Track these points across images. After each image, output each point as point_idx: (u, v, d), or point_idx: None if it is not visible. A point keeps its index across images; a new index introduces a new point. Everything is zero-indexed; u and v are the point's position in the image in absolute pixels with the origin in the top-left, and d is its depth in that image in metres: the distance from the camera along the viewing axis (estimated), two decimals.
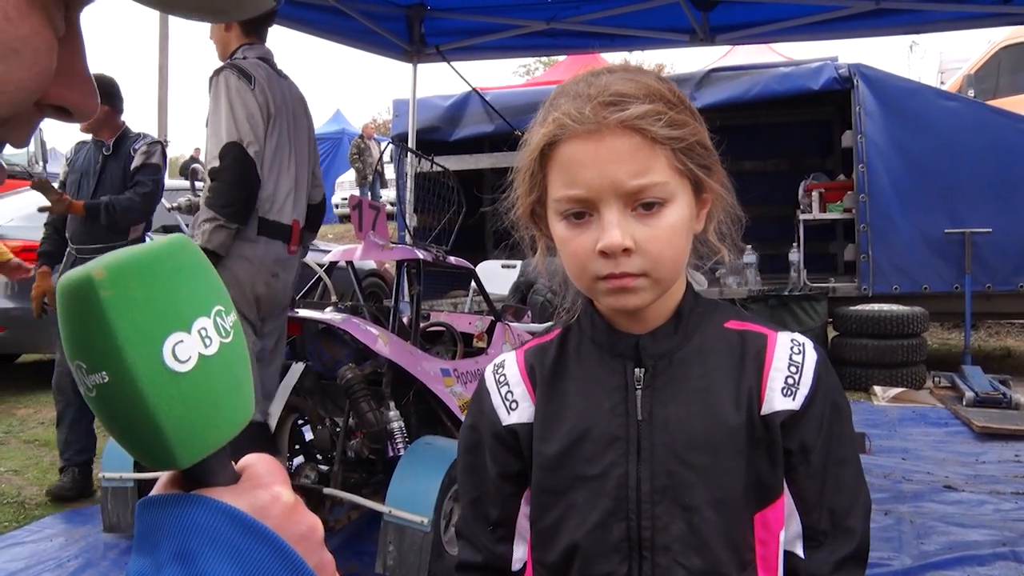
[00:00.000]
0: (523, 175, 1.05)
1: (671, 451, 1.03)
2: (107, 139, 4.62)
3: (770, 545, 1.06)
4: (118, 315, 0.58)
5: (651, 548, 1.03)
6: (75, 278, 0.58)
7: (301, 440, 4.00)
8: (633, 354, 1.07)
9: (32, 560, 3.71)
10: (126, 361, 0.58)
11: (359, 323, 3.61)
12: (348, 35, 6.18)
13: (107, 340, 0.58)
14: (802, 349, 1.08)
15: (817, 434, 1.06)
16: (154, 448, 0.60)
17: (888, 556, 3.52)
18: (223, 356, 0.63)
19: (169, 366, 0.59)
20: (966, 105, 7.74)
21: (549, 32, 6.31)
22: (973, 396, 6.14)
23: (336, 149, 20.52)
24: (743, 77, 8.02)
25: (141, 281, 0.59)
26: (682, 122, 1.00)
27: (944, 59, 14.85)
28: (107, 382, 0.59)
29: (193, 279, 0.62)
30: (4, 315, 6.62)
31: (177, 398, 0.60)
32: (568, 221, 1.01)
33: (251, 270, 3.16)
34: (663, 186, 0.98)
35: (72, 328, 0.59)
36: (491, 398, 1.15)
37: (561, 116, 0.98)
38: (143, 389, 0.58)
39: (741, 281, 7.99)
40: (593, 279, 1.00)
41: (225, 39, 3.34)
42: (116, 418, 0.60)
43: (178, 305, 0.61)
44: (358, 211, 3.89)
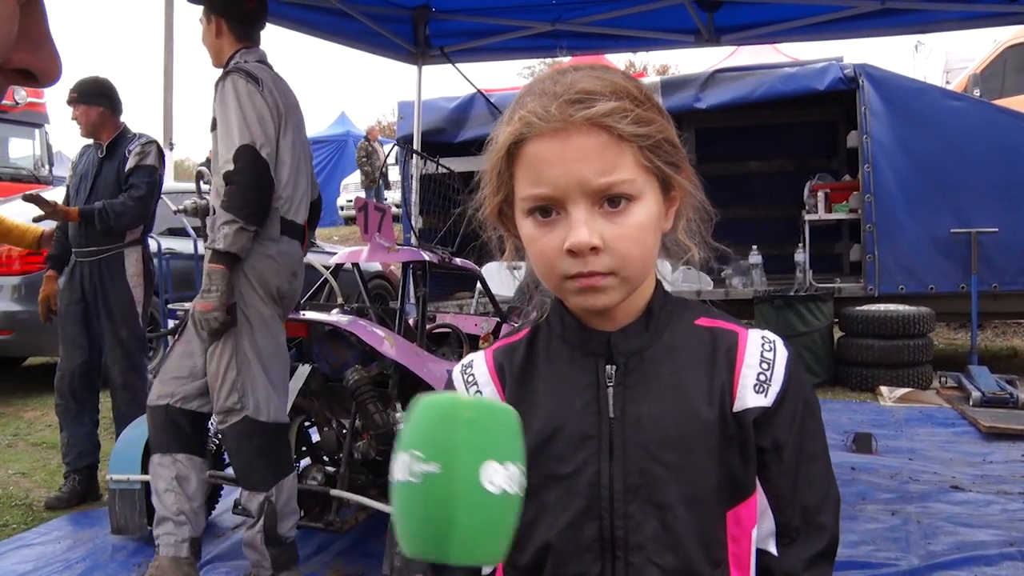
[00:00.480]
0: (490, 174, 1.05)
1: (644, 449, 1.03)
2: (105, 141, 4.64)
3: (742, 542, 1.06)
4: (468, 430, 0.80)
5: (624, 547, 1.02)
6: (447, 396, 0.84)
7: (308, 442, 4.01)
8: (604, 351, 1.07)
9: (40, 562, 3.72)
10: (458, 461, 0.78)
11: (365, 325, 3.62)
12: (353, 37, 6.20)
13: (451, 442, 0.79)
14: (773, 346, 1.09)
15: (789, 431, 1.06)
16: (437, 536, 0.78)
17: (895, 556, 3.52)
18: (513, 500, 0.81)
19: (482, 481, 0.79)
20: (972, 105, 7.72)
21: (553, 33, 6.32)
22: (980, 396, 6.12)
23: (341, 151, 20.52)
24: (748, 77, 8.02)
25: (490, 418, 0.82)
26: (649, 119, 0.99)
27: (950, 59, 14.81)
28: (436, 473, 0.78)
29: (516, 437, 0.83)
30: (11, 318, 6.65)
31: (476, 507, 0.79)
32: (535, 220, 1.00)
33: (276, 268, 3.19)
34: (630, 183, 0.98)
35: (427, 428, 0.81)
36: None
37: (527, 114, 0.97)
38: (460, 486, 0.78)
39: (747, 281, 7.99)
40: (561, 278, 1.00)
41: (217, 45, 3.33)
42: (423, 502, 0.79)
43: (503, 446, 0.81)
44: (364, 213, 3.90)
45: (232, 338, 3.12)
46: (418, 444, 0.80)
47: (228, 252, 3.03)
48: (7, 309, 6.68)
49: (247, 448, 3.16)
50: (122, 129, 4.69)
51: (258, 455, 3.18)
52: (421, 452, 0.79)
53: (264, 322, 3.18)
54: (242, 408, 3.13)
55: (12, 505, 4.47)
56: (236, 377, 3.12)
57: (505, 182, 1.03)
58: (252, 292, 3.14)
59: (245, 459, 3.18)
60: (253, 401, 3.14)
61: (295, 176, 3.27)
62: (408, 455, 0.80)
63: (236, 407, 3.13)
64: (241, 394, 3.13)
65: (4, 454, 5.53)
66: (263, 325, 3.18)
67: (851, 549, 3.61)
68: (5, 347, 6.96)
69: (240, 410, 3.13)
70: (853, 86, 7.46)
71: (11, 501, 4.52)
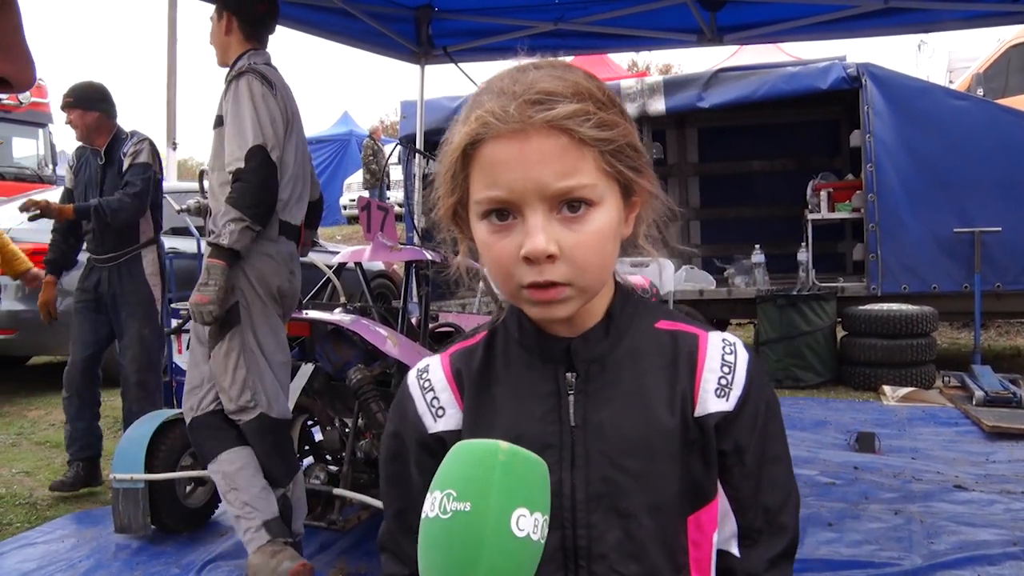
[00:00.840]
0: (444, 175, 1.00)
1: (606, 457, 1.00)
2: (101, 146, 4.72)
3: (703, 547, 1.05)
4: (501, 474, 0.82)
5: (587, 557, 1.00)
6: (486, 442, 0.85)
7: (311, 441, 4.01)
8: (564, 358, 1.03)
9: (44, 561, 3.73)
10: (489, 503, 0.81)
11: (368, 324, 3.62)
12: (356, 37, 6.20)
13: (485, 484, 0.81)
14: (734, 349, 1.06)
15: (751, 434, 1.04)
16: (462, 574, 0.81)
17: (898, 556, 3.52)
18: (537, 548, 0.83)
19: (511, 525, 0.81)
20: (975, 104, 7.72)
21: (556, 33, 6.31)
22: (983, 395, 6.12)
23: (344, 151, 20.51)
24: (751, 77, 8.01)
25: (523, 466, 0.84)
26: (612, 123, 0.95)
27: (953, 58, 14.79)
28: (467, 511, 0.81)
29: (546, 488, 0.86)
30: (14, 318, 6.66)
31: (502, 550, 0.81)
32: (490, 224, 0.96)
33: (274, 267, 3.22)
34: (590, 188, 0.94)
35: (464, 469, 0.84)
36: (415, 405, 1.10)
37: (484, 114, 0.93)
38: (489, 528, 0.80)
39: (749, 281, 7.98)
40: (517, 287, 0.96)
41: (225, 43, 3.35)
42: (451, 539, 0.81)
43: (534, 494, 0.84)
44: (367, 212, 3.90)
45: (238, 336, 3.15)
46: (452, 484, 0.83)
47: (231, 249, 3.04)
48: (10, 309, 6.69)
49: (263, 445, 3.20)
50: (116, 131, 4.76)
51: (273, 451, 3.21)
52: (455, 491, 0.82)
53: (266, 320, 3.21)
54: (256, 405, 3.16)
55: (16, 504, 4.48)
56: (246, 375, 3.14)
57: (460, 184, 0.99)
58: (253, 291, 3.16)
59: (261, 456, 3.21)
60: (265, 397, 3.18)
61: (294, 179, 3.30)
62: (441, 493, 0.83)
63: (250, 405, 3.16)
64: (254, 391, 3.16)
65: (8, 453, 5.54)
66: (265, 323, 3.20)
67: (854, 548, 3.61)
68: (9, 347, 6.98)
69: (254, 407, 3.16)
70: (856, 85, 7.45)
71: (15, 500, 4.53)
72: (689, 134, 9.93)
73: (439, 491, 0.83)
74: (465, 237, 1.05)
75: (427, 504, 0.84)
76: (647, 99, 8.10)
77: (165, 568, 3.63)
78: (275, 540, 3.10)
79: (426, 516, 0.84)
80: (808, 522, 3.90)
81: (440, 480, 0.85)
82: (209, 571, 3.58)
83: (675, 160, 9.85)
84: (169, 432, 3.86)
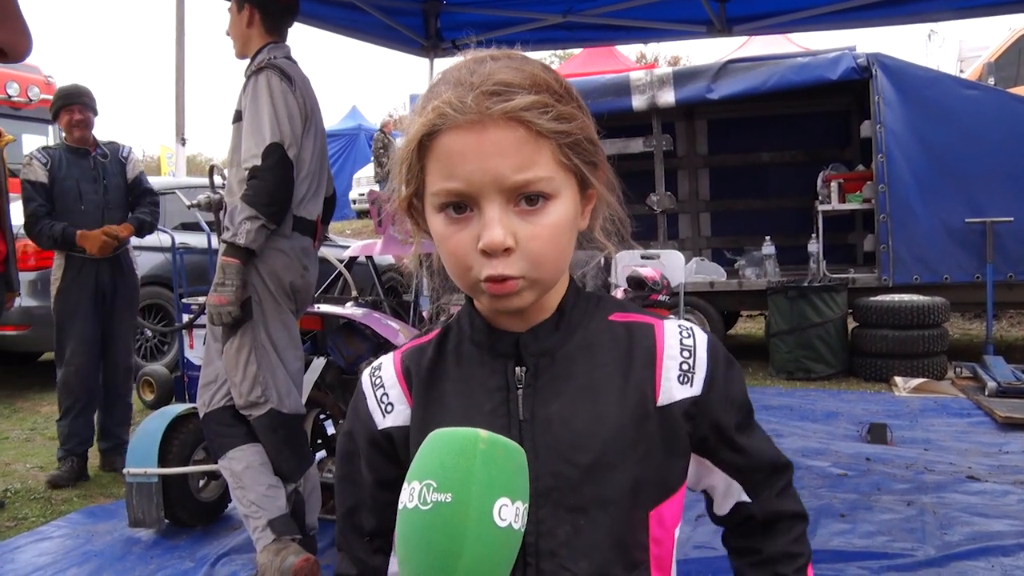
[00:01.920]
0: (400, 166, 0.99)
1: (555, 451, 0.99)
2: (91, 145, 4.92)
3: (665, 544, 1.04)
4: (482, 463, 0.81)
5: (535, 554, 0.98)
6: (465, 431, 0.84)
7: (323, 435, 4.03)
8: (513, 352, 1.03)
9: (59, 555, 3.75)
10: (471, 493, 0.80)
11: (380, 317, 3.63)
12: (364, 30, 6.20)
13: (466, 474, 0.80)
14: (691, 333, 1.06)
15: (727, 411, 1.06)
16: (443, 565, 0.79)
17: (912, 547, 3.51)
18: (517, 537, 0.83)
19: (493, 515, 0.80)
20: (987, 93, 7.67)
21: (565, 25, 6.30)
22: (995, 386, 6.09)
23: (352, 145, 20.53)
24: (760, 68, 7.97)
25: (503, 454, 0.83)
26: (569, 115, 0.95)
27: (964, 47, 14.70)
28: (448, 502, 0.79)
29: (525, 476, 0.85)
30: (27, 314, 6.69)
31: (484, 540, 0.80)
32: (447, 216, 0.95)
33: (287, 262, 3.21)
34: (548, 181, 0.93)
35: (443, 459, 0.82)
36: (367, 402, 1.10)
37: (441, 104, 0.92)
38: (470, 517, 0.79)
39: (760, 272, 7.97)
40: (474, 280, 0.95)
41: (246, 35, 3.32)
42: (432, 530, 0.80)
43: (515, 483, 0.83)
44: (377, 206, 3.90)
45: (249, 332, 3.15)
46: (432, 474, 0.81)
47: (246, 248, 3.04)
48: (23, 305, 6.72)
49: (273, 440, 3.20)
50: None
51: (284, 446, 3.22)
52: (435, 482, 0.81)
53: (279, 316, 3.20)
54: (266, 401, 3.16)
55: (31, 499, 4.50)
56: (257, 371, 3.15)
57: (416, 175, 0.98)
58: (265, 288, 3.16)
59: (272, 451, 3.21)
60: (276, 393, 3.18)
61: (311, 175, 3.29)
62: (420, 484, 0.81)
63: (260, 400, 3.16)
64: (264, 387, 3.16)
65: (22, 448, 5.58)
66: (278, 319, 3.20)
67: (867, 540, 3.60)
68: (22, 343, 7.02)
69: (264, 403, 3.16)
70: (866, 75, 7.41)
71: (29, 495, 4.56)
72: (699, 126, 9.90)
73: (418, 481, 0.82)
74: (420, 230, 1.04)
75: (404, 495, 0.83)
76: (656, 91, 8.08)
77: (179, 562, 3.64)
78: (280, 538, 3.10)
79: (404, 507, 0.83)
80: (821, 513, 3.89)
81: (418, 470, 0.83)
82: (223, 565, 3.59)
83: (685, 152, 9.82)
84: (182, 427, 3.87)
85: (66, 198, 4.78)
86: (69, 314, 4.74)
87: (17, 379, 7.67)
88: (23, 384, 7.49)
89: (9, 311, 6.65)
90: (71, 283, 4.75)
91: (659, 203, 8.18)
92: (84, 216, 4.77)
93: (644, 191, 8.15)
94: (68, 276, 4.75)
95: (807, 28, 6.56)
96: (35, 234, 4.72)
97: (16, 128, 13.03)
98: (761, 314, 9.53)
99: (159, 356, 7.52)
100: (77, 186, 4.81)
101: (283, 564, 3.01)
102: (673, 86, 8.07)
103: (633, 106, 8.12)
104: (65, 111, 4.83)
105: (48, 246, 4.80)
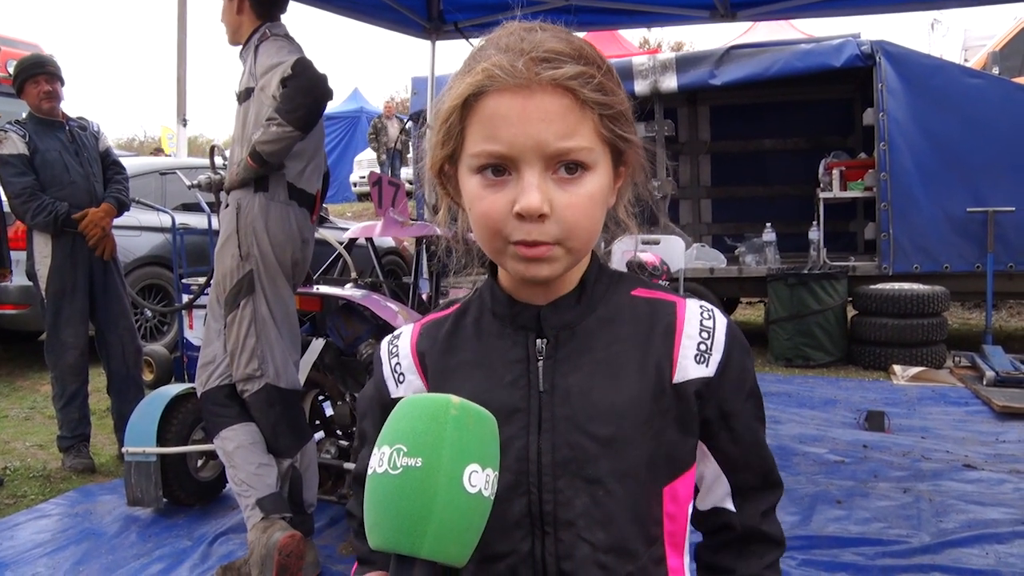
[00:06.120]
0: (439, 126, 0.99)
1: (573, 423, 1.00)
2: (62, 118, 4.76)
3: (678, 520, 1.05)
4: (453, 429, 0.81)
5: (553, 523, 0.99)
6: (436, 396, 0.85)
7: (321, 416, 4.03)
8: (535, 325, 1.04)
9: (58, 532, 3.77)
10: (442, 458, 0.80)
11: (379, 299, 3.63)
12: (366, 12, 6.17)
13: (437, 439, 0.81)
14: (712, 315, 1.06)
15: (736, 398, 1.06)
16: (412, 529, 0.79)
17: (907, 534, 3.52)
18: (487, 503, 0.83)
19: (463, 481, 0.80)
20: (991, 82, 7.64)
21: (568, 8, 6.26)
22: (994, 376, 6.10)
23: (354, 127, 20.47)
24: (764, 54, 7.94)
25: (475, 421, 0.84)
26: (611, 89, 0.96)
27: (968, 36, 14.65)
28: (418, 466, 0.80)
29: (496, 445, 0.86)
30: (27, 293, 6.68)
31: (454, 505, 0.80)
32: (484, 178, 0.95)
33: (289, 234, 3.22)
34: (588, 151, 0.94)
35: (414, 424, 0.82)
36: (383, 369, 1.12)
37: (491, 67, 0.92)
38: (439, 482, 0.79)
39: (760, 259, 7.96)
40: (504, 242, 0.96)
41: (237, 22, 3.31)
42: (401, 495, 0.80)
43: (486, 450, 0.84)
44: (378, 188, 3.90)
45: (250, 306, 3.16)
46: (403, 439, 0.81)
47: (261, 154, 3.06)
48: (23, 284, 6.70)
49: (270, 416, 3.21)
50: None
51: (280, 422, 3.22)
52: (405, 446, 0.81)
53: (276, 289, 3.22)
54: (262, 375, 3.17)
55: (30, 477, 4.52)
56: (255, 344, 3.16)
57: (455, 136, 0.98)
58: (265, 261, 3.16)
59: (267, 427, 3.22)
60: (273, 368, 3.19)
61: (314, 149, 3.29)
62: (390, 448, 0.81)
63: (256, 374, 3.17)
64: (261, 361, 3.16)
65: (22, 427, 5.59)
66: (276, 292, 3.22)
67: (863, 526, 3.62)
68: (21, 321, 7.02)
69: (260, 377, 3.17)
70: (870, 63, 7.39)
71: (29, 473, 4.58)
72: (701, 112, 9.88)
73: (388, 446, 0.82)
74: (447, 195, 1.05)
75: (374, 459, 0.83)
76: (659, 76, 8.05)
77: (177, 540, 3.66)
78: (268, 517, 3.11)
79: (373, 472, 0.83)
80: (817, 500, 3.91)
81: (389, 434, 0.83)
82: (221, 543, 3.61)
83: (687, 138, 9.80)
84: (180, 406, 3.88)
85: (52, 168, 4.57)
86: (68, 294, 4.55)
87: (17, 358, 7.68)
88: (23, 363, 7.51)
89: (9, 290, 6.69)
90: (65, 261, 4.54)
91: (660, 189, 8.16)
92: (74, 188, 4.60)
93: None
94: (60, 254, 4.54)
95: (811, 15, 6.52)
96: (33, 209, 4.44)
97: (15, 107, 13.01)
98: (761, 301, 9.53)
99: (159, 336, 7.53)
100: (61, 157, 4.60)
101: (269, 541, 3.02)
102: (676, 71, 8.04)
103: (635, 91, 8.09)
104: (31, 83, 4.60)
105: (43, 225, 4.49)
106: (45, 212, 4.47)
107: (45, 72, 4.62)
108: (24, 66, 4.67)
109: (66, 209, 4.51)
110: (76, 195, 4.59)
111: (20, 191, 4.47)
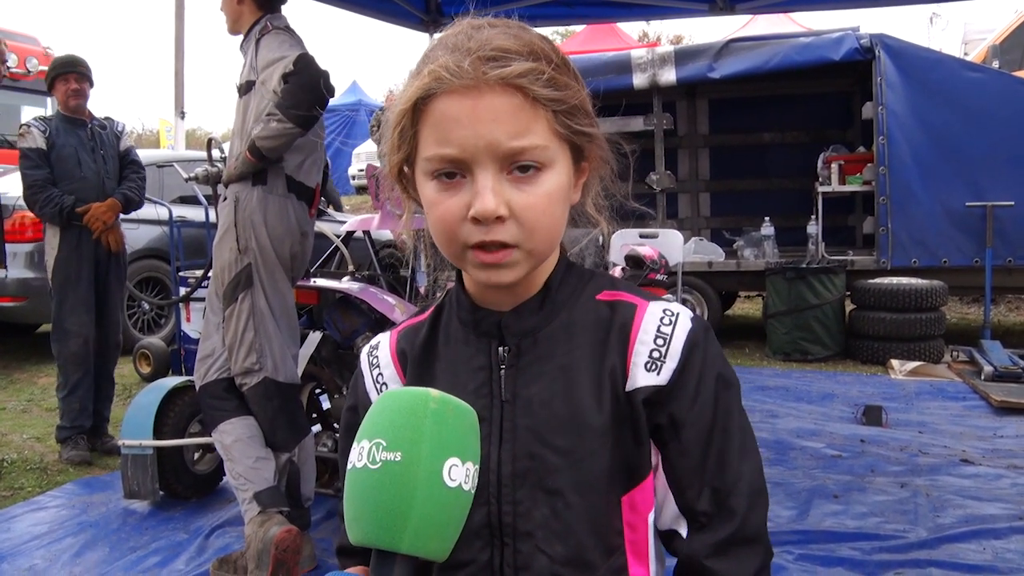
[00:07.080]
0: (393, 130, 0.97)
1: (533, 433, 0.98)
2: (87, 116, 4.89)
3: (639, 529, 1.01)
4: (432, 422, 0.81)
5: (512, 534, 0.98)
6: (415, 390, 0.85)
7: (318, 409, 4.03)
8: (497, 332, 1.01)
9: (55, 524, 3.77)
10: (421, 452, 0.80)
11: (376, 292, 3.63)
12: (364, 5, 6.16)
13: (416, 433, 0.80)
14: (673, 320, 1.00)
15: (690, 408, 0.98)
16: (392, 524, 0.79)
17: (904, 528, 3.52)
18: (467, 498, 0.84)
19: (442, 475, 0.80)
20: (991, 76, 7.63)
21: (566, 2, 6.26)
22: (992, 370, 6.10)
23: (353, 120, 20.43)
24: (763, 47, 7.92)
25: (454, 414, 0.84)
26: (564, 83, 0.93)
27: (968, 29, 14.64)
28: (397, 461, 0.79)
29: (476, 438, 0.86)
30: (24, 285, 6.69)
31: (434, 499, 0.80)
32: (439, 182, 0.93)
33: (287, 227, 3.21)
34: (542, 150, 0.92)
35: (393, 418, 0.82)
36: (364, 380, 1.10)
37: (438, 69, 0.90)
38: (419, 476, 0.79)
39: (759, 253, 7.95)
40: (462, 247, 0.93)
41: (237, 12, 3.30)
42: (380, 489, 0.79)
43: (465, 444, 0.84)
44: (375, 180, 3.89)
45: (248, 299, 3.15)
46: (382, 433, 0.81)
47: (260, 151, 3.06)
48: (21, 276, 6.72)
49: (268, 409, 3.20)
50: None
51: (278, 415, 3.22)
52: (384, 441, 0.80)
53: (275, 282, 3.21)
54: (260, 368, 3.16)
55: (27, 469, 4.52)
56: (254, 337, 3.15)
57: (408, 140, 0.96)
58: (264, 254, 3.15)
59: (266, 420, 3.21)
60: (271, 362, 3.18)
61: (313, 143, 3.29)
62: (369, 443, 0.81)
63: (255, 367, 3.16)
64: (259, 354, 3.16)
65: (19, 419, 5.59)
66: (274, 286, 3.21)
67: (860, 521, 3.62)
68: (19, 314, 7.01)
69: (259, 370, 3.17)
70: (869, 56, 7.36)
71: (26, 465, 4.57)
72: (700, 105, 9.85)
73: (367, 440, 0.82)
74: (409, 197, 1.03)
75: (353, 454, 0.82)
76: (658, 69, 8.03)
77: (173, 533, 3.66)
78: (265, 510, 3.11)
79: (352, 466, 0.82)
80: (814, 494, 3.91)
81: (368, 429, 0.83)
82: (217, 536, 3.61)
83: (685, 131, 9.78)
84: (177, 399, 3.88)
85: (66, 164, 4.71)
86: (72, 284, 4.66)
87: (14, 350, 7.68)
88: (20, 355, 7.50)
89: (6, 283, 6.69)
90: (71, 253, 4.67)
91: (659, 182, 8.15)
92: (84, 184, 4.73)
93: (644, 170, 8.12)
94: (66, 246, 4.67)
95: (810, 8, 6.53)
96: (41, 201, 4.61)
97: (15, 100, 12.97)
98: (759, 295, 9.53)
99: (156, 329, 7.52)
100: (76, 154, 4.76)
101: (266, 535, 3.02)
102: (675, 64, 8.03)
103: (634, 84, 8.07)
104: (61, 80, 4.78)
105: (50, 217, 4.64)
106: (52, 204, 4.62)
107: (76, 71, 4.82)
108: (56, 64, 4.88)
109: (72, 202, 4.62)
110: (85, 190, 4.72)
111: (32, 183, 4.66)
